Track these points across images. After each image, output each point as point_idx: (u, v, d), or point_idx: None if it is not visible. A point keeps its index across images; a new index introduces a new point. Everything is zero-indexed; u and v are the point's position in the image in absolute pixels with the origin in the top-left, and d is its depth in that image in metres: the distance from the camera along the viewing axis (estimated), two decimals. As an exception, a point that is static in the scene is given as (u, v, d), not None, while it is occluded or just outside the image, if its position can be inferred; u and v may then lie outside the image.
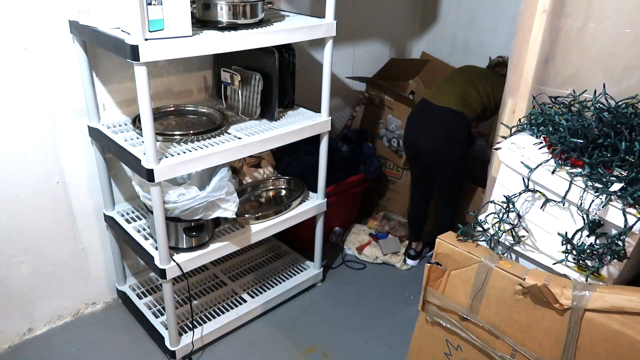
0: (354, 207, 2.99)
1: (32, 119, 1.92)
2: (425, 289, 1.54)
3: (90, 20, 1.70)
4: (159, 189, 1.73)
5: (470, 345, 1.49)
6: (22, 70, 1.84)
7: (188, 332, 2.11)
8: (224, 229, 2.11)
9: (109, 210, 2.19)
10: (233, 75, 2.09)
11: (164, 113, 2.08)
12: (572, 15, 1.56)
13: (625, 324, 1.18)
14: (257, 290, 2.41)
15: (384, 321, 2.38)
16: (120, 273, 2.35)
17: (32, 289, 2.15)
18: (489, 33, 3.01)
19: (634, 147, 1.29)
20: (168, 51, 1.57)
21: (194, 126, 1.98)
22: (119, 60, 2.01)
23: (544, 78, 1.65)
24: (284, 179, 2.55)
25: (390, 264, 2.76)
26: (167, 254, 1.86)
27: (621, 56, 1.53)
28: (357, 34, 3.01)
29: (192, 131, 1.90)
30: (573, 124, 1.40)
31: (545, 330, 1.30)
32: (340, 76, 3.03)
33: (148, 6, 1.48)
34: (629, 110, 1.43)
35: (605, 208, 1.26)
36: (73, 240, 2.20)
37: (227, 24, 1.77)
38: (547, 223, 1.41)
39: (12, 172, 1.94)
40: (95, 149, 2.07)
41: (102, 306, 2.39)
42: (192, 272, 2.47)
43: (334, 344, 2.23)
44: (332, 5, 1.97)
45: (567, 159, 1.36)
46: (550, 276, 1.31)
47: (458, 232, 1.53)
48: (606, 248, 1.27)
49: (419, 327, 1.65)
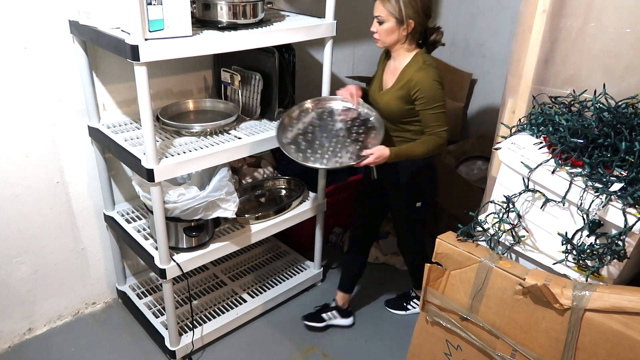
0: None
1: (32, 119, 1.92)
2: (425, 289, 1.54)
3: (91, 20, 1.70)
4: (159, 189, 1.73)
5: (470, 345, 1.49)
6: (22, 70, 1.84)
7: (188, 332, 2.11)
8: (224, 229, 2.11)
9: (109, 210, 2.19)
10: (233, 75, 2.09)
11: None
12: (572, 15, 1.56)
13: (625, 324, 1.18)
14: (257, 290, 2.41)
15: (384, 321, 2.38)
16: (120, 273, 2.35)
17: (32, 289, 2.15)
18: (489, 33, 3.01)
19: (634, 147, 1.29)
20: (168, 51, 1.57)
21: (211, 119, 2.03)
22: (119, 60, 2.01)
23: (544, 78, 1.65)
24: (284, 179, 2.55)
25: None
26: (167, 254, 1.86)
27: (621, 56, 1.52)
28: (357, 34, 3.01)
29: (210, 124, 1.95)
30: (573, 124, 1.40)
31: (545, 330, 1.30)
32: (340, 76, 3.02)
33: (148, 6, 1.48)
34: (629, 110, 1.43)
35: (605, 208, 1.26)
36: (73, 240, 2.20)
37: (227, 24, 1.77)
38: (547, 223, 1.41)
39: (12, 172, 1.94)
40: (95, 149, 2.07)
41: (102, 306, 2.39)
42: (192, 272, 2.47)
43: (334, 344, 2.23)
44: (332, 5, 1.97)
45: (567, 159, 1.36)
46: (550, 276, 1.31)
47: (458, 232, 1.53)
48: (606, 248, 1.26)
49: (419, 327, 1.65)
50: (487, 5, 2.98)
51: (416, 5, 1.73)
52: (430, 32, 1.85)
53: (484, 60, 3.06)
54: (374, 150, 1.74)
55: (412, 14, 1.74)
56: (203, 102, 2.17)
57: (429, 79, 1.76)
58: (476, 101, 3.19)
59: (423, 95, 1.77)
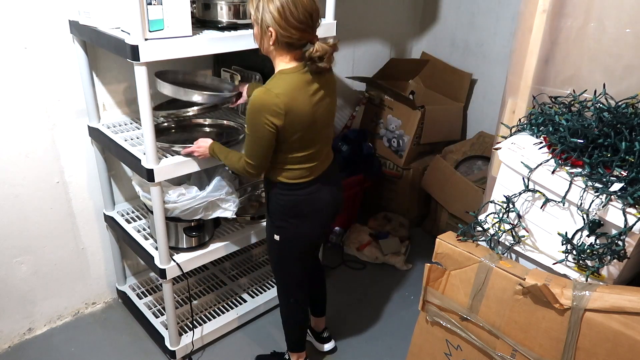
0: (354, 207, 2.99)
1: (32, 119, 1.92)
2: (425, 289, 1.54)
3: (91, 20, 1.70)
4: (159, 189, 1.73)
5: (470, 345, 1.49)
6: (22, 70, 1.84)
7: (188, 332, 2.11)
8: (224, 229, 2.11)
9: (109, 210, 2.19)
10: (233, 75, 2.09)
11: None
12: (572, 15, 1.56)
13: (625, 324, 1.18)
14: (257, 290, 2.41)
15: (383, 321, 2.38)
16: (120, 273, 2.35)
17: (32, 289, 2.15)
18: (489, 33, 3.01)
19: (634, 147, 1.29)
20: (168, 51, 1.57)
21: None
22: (119, 60, 2.01)
23: (544, 78, 1.65)
24: (284, 179, 2.55)
25: (390, 264, 2.76)
26: (167, 254, 1.86)
27: (621, 56, 1.52)
28: (357, 34, 3.01)
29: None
30: (573, 124, 1.40)
31: (545, 330, 1.30)
32: (340, 76, 3.02)
33: (148, 6, 1.48)
34: (629, 110, 1.43)
35: (605, 208, 1.26)
36: (73, 240, 2.20)
37: (227, 24, 1.77)
38: (547, 223, 1.41)
39: (12, 172, 1.94)
40: (95, 149, 2.07)
41: (102, 306, 2.39)
42: (192, 272, 2.47)
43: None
44: (332, 5, 1.97)
45: (567, 159, 1.36)
46: (550, 276, 1.31)
47: (458, 232, 1.53)
48: (606, 248, 1.26)
49: (419, 327, 1.65)
50: (487, 5, 2.98)
51: (278, 12, 1.43)
52: (310, 46, 1.53)
53: (484, 60, 3.06)
54: (199, 140, 1.73)
55: (270, 21, 1.45)
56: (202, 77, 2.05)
57: (252, 102, 1.49)
58: (476, 101, 3.19)
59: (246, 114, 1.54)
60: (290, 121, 1.50)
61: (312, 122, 1.57)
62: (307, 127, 1.56)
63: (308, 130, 1.57)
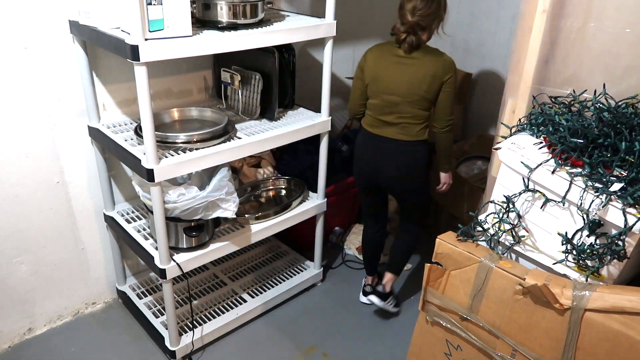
0: (354, 207, 2.99)
1: (32, 119, 1.92)
2: (425, 289, 1.54)
3: (91, 20, 1.70)
4: (159, 189, 1.73)
5: (470, 345, 1.49)
6: (22, 70, 1.84)
7: (188, 332, 2.12)
8: (224, 229, 2.11)
9: (109, 210, 2.19)
10: (233, 75, 2.09)
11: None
12: (572, 15, 1.56)
13: (625, 324, 1.18)
14: (257, 290, 2.41)
15: (383, 321, 2.38)
16: (120, 273, 2.35)
17: (32, 289, 2.15)
18: (489, 33, 3.01)
19: (634, 147, 1.29)
20: (168, 51, 1.57)
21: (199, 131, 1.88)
22: (119, 60, 2.01)
23: (544, 78, 1.65)
24: (284, 179, 2.55)
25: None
26: (167, 254, 1.86)
27: (621, 56, 1.52)
28: (357, 34, 3.01)
29: (196, 138, 1.82)
30: (573, 124, 1.40)
31: (545, 330, 1.30)
32: (340, 76, 3.02)
33: (148, 6, 1.48)
34: (629, 110, 1.43)
35: (605, 208, 1.26)
36: (73, 240, 2.20)
37: (227, 24, 1.77)
38: (547, 223, 1.41)
39: (12, 172, 1.94)
40: (95, 149, 2.07)
41: (102, 306, 2.39)
42: (192, 272, 2.47)
43: (334, 344, 2.23)
44: (332, 5, 1.97)
45: (567, 159, 1.36)
46: (550, 276, 1.31)
47: (458, 232, 1.53)
48: (606, 248, 1.26)
49: (419, 327, 1.65)
50: (487, 5, 2.98)
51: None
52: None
53: (484, 60, 3.06)
54: (442, 178, 2.24)
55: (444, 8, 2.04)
56: (189, 112, 2.06)
57: (453, 63, 2.09)
58: (476, 101, 3.19)
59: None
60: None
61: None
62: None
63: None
